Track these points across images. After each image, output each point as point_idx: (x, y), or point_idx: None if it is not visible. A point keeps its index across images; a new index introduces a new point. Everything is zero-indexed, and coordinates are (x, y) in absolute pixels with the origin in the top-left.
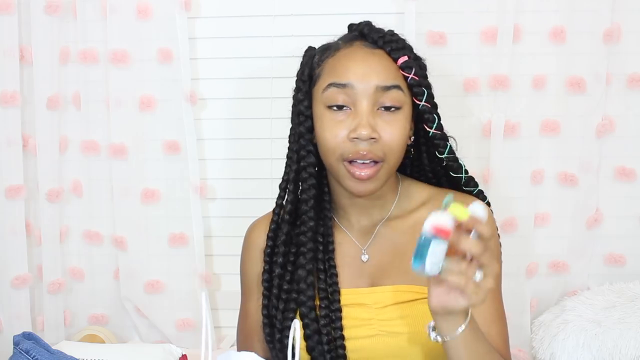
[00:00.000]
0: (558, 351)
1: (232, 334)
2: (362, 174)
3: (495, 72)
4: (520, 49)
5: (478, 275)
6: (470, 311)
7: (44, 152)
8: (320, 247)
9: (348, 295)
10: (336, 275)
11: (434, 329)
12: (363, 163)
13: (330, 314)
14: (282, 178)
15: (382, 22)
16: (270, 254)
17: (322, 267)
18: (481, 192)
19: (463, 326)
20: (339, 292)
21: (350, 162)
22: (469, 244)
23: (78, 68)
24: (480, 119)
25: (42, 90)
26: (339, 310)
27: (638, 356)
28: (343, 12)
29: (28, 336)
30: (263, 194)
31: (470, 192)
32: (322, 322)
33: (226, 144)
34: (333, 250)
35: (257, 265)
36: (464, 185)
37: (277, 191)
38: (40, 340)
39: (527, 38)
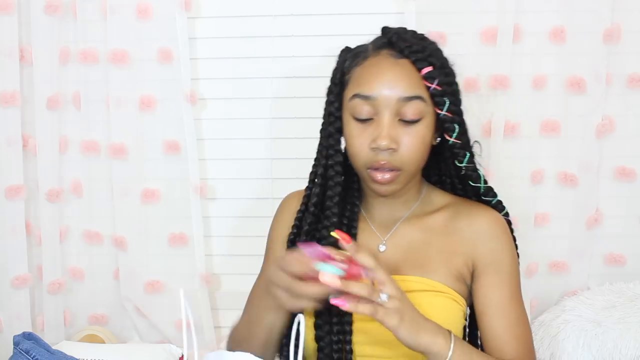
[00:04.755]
0: (558, 351)
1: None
2: (382, 177)
3: (495, 72)
4: (520, 49)
5: (383, 296)
6: (452, 337)
7: (44, 152)
8: (344, 229)
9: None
10: None
11: None
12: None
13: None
14: (311, 170)
15: (382, 23)
16: (292, 240)
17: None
18: (499, 202)
19: (450, 352)
20: None
21: (372, 168)
22: (363, 256)
23: (78, 68)
24: (480, 119)
25: (42, 90)
26: None
27: (638, 356)
28: (343, 12)
29: (28, 336)
30: (263, 194)
31: (489, 202)
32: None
33: (226, 144)
34: (355, 235)
35: (288, 228)
36: (482, 195)
37: (277, 191)
38: (40, 340)
39: (527, 38)
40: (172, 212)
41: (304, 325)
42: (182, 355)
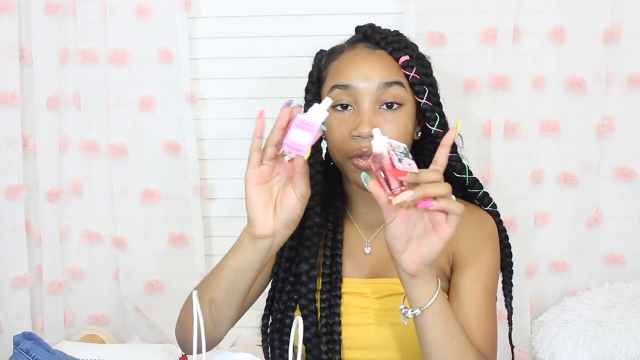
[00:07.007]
0: (558, 351)
1: (232, 333)
2: (366, 164)
3: (495, 72)
4: (520, 49)
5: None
6: (439, 283)
7: (44, 152)
8: (330, 235)
9: (349, 284)
10: (341, 263)
11: (405, 307)
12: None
13: (331, 299)
14: None
15: (382, 22)
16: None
17: (328, 253)
18: (486, 194)
19: (434, 297)
20: (341, 280)
21: (355, 157)
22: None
23: (78, 68)
24: (480, 119)
25: (42, 90)
26: (339, 296)
27: (638, 356)
28: (343, 12)
29: (28, 336)
30: None
31: (475, 194)
32: (322, 305)
33: (226, 144)
34: (341, 240)
35: None
36: (468, 187)
37: None
38: (40, 340)
39: (527, 38)
40: (172, 212)
41: (302, 327)
42: (183, 355)
